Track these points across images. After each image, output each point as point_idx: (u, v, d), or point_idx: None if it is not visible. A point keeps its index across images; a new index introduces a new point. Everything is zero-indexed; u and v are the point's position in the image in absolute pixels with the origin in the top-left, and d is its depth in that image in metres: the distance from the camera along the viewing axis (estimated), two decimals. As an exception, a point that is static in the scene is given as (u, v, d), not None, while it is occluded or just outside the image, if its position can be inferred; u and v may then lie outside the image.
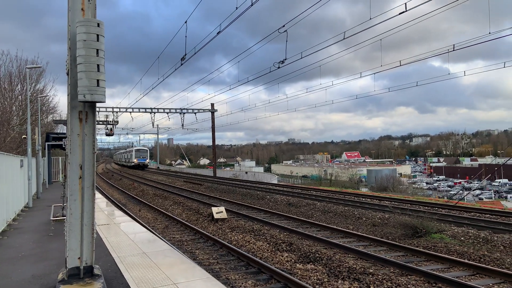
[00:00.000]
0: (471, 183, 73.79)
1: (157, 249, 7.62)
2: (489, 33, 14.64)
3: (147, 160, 69.75)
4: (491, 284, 7.71)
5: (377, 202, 18.80)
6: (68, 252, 5.04)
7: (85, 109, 5.02)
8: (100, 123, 45.68)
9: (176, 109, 46.55)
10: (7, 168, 11.21)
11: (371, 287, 7.54)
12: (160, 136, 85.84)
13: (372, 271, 8.20)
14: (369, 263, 9.02)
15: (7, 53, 31.01)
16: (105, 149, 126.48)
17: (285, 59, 18.64)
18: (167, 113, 46.32)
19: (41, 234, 9.80)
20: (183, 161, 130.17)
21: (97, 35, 4.79)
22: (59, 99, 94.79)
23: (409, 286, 7.45)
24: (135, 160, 66.85)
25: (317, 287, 7.73)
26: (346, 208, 17.05)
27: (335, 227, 13.47)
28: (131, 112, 44.93)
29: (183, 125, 48.40)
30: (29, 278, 6.03)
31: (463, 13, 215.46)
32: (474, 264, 8.70)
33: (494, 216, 14.29)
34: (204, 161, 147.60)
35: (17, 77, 31.22)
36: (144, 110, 45.15)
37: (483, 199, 53.59)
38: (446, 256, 9.40)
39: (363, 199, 20.28)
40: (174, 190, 28.64)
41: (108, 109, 44.35)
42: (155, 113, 45.51)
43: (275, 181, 41.59)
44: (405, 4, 13.51)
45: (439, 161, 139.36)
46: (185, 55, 19.64)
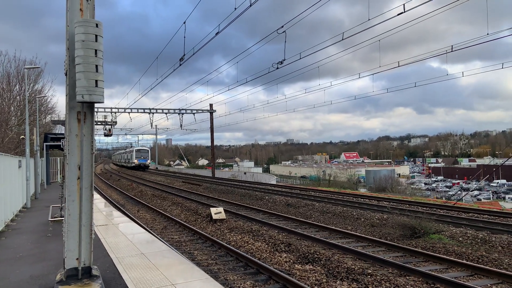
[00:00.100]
0: (469, 183, 73.93)
1: (155, 250, 7.62)
2: (487, 34, 14.68)
3: (148, 160, 67.11)
4: (489, 284, 7.73)
5: (375, 202, 18.83)
6: (66, 252, 5.03)
7: (84, 109, 5.02)
8: (98, 123, 45.63)
9: (174, 110, 46.53)
10: (5, 168, 11.19)
11: (370, 288, 7.55)
12: (158, 136, 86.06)
13: (370, 271, 8.21)
14: (367, 263, 9.03)
15: (5, 53, 31.06)
16: (104, 149, 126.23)
17: (284, 60, 18.64)
18: (166, 113, 46.29)
19: (39, 234, 9.79)
20: (182, 162, 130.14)
21: (96, 36, 4.78)
22: (58, 99, 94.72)
23: (407, 286, 7.46)
24: (136, 160, 64.45)
25: (316, 287, 7.74)
26: (344, 208, 17.07)
27: (333, 227, 13.49)
28: (129, 112, 44.89)
29: (181, 126, 48.43)
30: (27, 278, 6.01)
31: (461, 14, 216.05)
32: (472, 264, 8.73)
33: (492, 216, 14.32)
34: (202, 162, 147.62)
35: (16, 78, 31.24)
36: (142, 110, 45.11)
37: (481, 200, 53.70)
38: (444, 256, 9.42)
39: (362, 199, 20.30)
40: (172, 190, 28.61)
41: (106, 110, 44.31)
42: (153, 113, 45.49)
43: (274, 182, 41.60)
44: (404, 5, 13.54)
45: (437, 162, 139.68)
46: (184, 55, 19.62)
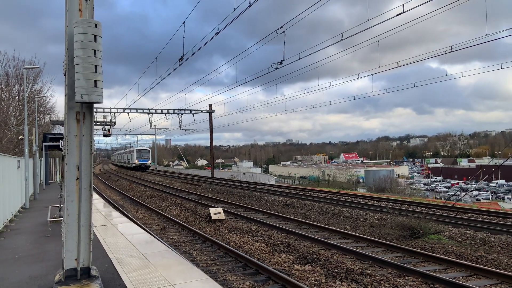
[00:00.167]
0: (469, 184, 74.01)
1: (154, 250, 7.61)
2: (486, 35, 14.70)
3: (149, 161, 65.64)
4: (488, 285, 7.73)
5: (374, 203, 18.83)
6: (65, 253, 5.03)
7: (83, 109, 5.01)
8: (97, 123, 45.58)
9: (174, 110, 46.51)
10: (4, 169, 11.18)
11: (369, 288, 7.55)
12: (158, 136, 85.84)
13: (369, 272, 8.21)
14: (367, 264, 9.04)
15: (4, 53, 31.12)
16: (103, 150, 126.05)
17: (283, 60, 18.65)
18: (165, 113, 46.29)
19: (38, 235, 9.77)
20: (181, 162, 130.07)
21: (95, 36, 4.78)
22: (57, 99, 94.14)
23: (406, 287, 7.46)
24: (136, 161, 63.04)
25: (315, 288, 7.73)
26: (344, 209, 17.07)
27: (333, 228, 13.48)
28: (128, 112, 44.89)
29: (181, 126, 48.41)
30: (26, 279, 6.01)
31: (460, 15, 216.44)
32: (471, 265, 8.73)
33: (491, 217, 14.33)
34: (202, 162, 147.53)
35: (14, 78, 31.23)
36: (141, 110, 45.09)
37: (480, 200, 53.76)
38: (443, 257, 9.42)
39: (361, 200, 20.30)
40: (171, 191, 28.59)
41: (105, 110, 44.28)
42: (152, 113, 45.46)
43: (273, 182, 41.60)
44: (403, 5, 13.56)
45: (436, 162, 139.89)
46: (183, 56, 19.61)
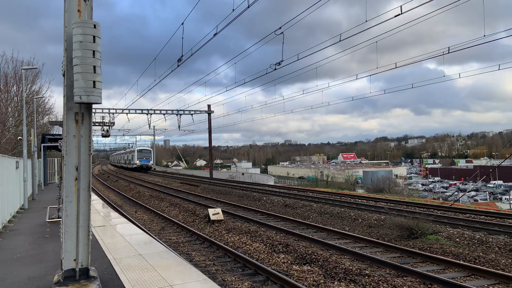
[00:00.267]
0: (466, 184, 74.16)
1: (153, 251, 7.61)
2: (484, 36, 14.75)
3: (151, 161, 62.96)
4: (486, 285, 7.76)
5: (373, 203, 18.85)
6: (63, 254, 5.03)
7: (81, 110, 5.02)
8: (96, 124, 45.48)
9: (172, 111, 46.47)
10: (2, 169, 11.16)
11: (367, 288, 7.56)
12: (156, 137, 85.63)
13: (368, 272, 8.23)
14: (365, 264, 9.05)
15: (3, 54, 31.01)
16: (101, 150, 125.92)
17: (282, 61, 18.67)
18: (164, 114, 46.24)
19: (36, 235, 9.76)
20: (180, 163, 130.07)
21: (94, 37, 4.79)
22: (55, 100, 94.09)
23: (404, 287, 7.48)
24: (138, 161, 60.38)
25: (313, 288, 7.74)
26: (342, 209, 17.09)
27: (331, 228, 13.50)
28: (127, 113, 44.83)
29: (179, 127, 48.35)
30: (25, 280, 6.00)
31: (458, 16, 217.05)
32: (469, 265, 8.76)
33: (489, 217, 14.37)
34: (200, 163, 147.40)
35: (13, 78, 31.16)
36: (140, 111, 45.03)
37: (478, 201, 53.88)
38: (441, 257, 9.45)
39: (359, 200, 20.33)
40: (170, 191, 28.57)
41: (104, 110, 44.23)
42: (151, 114, 45.42)
43: (272, 183, 41.64)
44: (401, 6, 13.60)
45: (434, 163, 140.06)
46: (182, 56, 19.63)
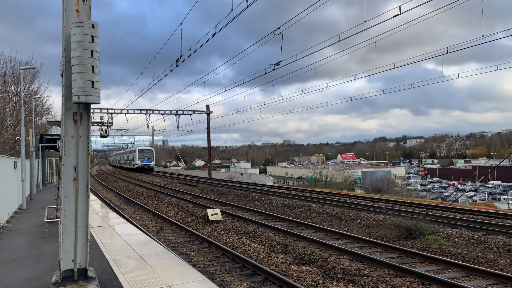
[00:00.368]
0: (465, 184, 74.29)
1: (151, 251, 7.60)
2: (482, 36, 14.78)
3: (153, 161, 60.65)
4: (484, 285, 7.77)
5: (371, 203, 18.87)
6: (62, 254, 5.01)
7: (80, 110, 5.00)
8: (94, 124, 45.44)
9: (171, 111, 46.43)
10: (0, 169, 11.14)
11: (366, 289, 7.56)
12: (155, 137, 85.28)
13: (367, 272, 8.23)
14: (364, 264, 9.06)
15: (1, 54, 30.77)
16: (100, 150, 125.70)
17: (281, 61, 18.67)
18: (162, 114, 46.20)
19: (34, 236, 9.74)
20: (178, 163, 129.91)
21: (92, 37, 4.77)
22: (53, 100, 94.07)
23: (403, 287, 7.48)
24: (139, 161, 58.15)
25: (312, 288, 7.74)
26: (341, 209, 17.10)
27: (330, 228, 13.50)
28: (126, 113, 44.74)
29: (178, 127, 48.29)
30: (23, 280, 5.98)
31: (456, 16, 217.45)
32: (468, 265, 8.76)
33: (487, 217, 14.39)
34: (199, 163, 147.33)
35: (11, 78, 31.05)
36: (139, 111, 44.97)
37: (476, 201, 53.94)
38: (440, 257, 9.46)
39: (358, 200, 20.34)
40: (169, 191, 28.55)
41: (102, 111, 44.17)
42: (150, 114, 45.36)
43: (270, 183, 41.62)
44: (400, 7, 13.61)
45: (433, 163, 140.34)
46: (181, 56, 19.62)
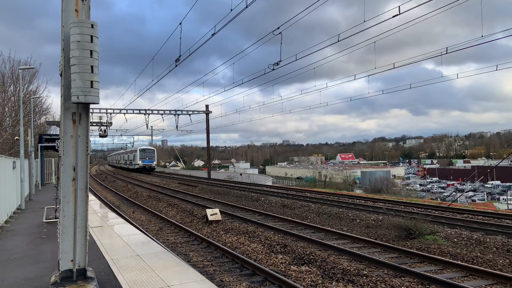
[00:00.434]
0: (464, 185, 74.36)
1: (150, 251, 7.59)
2: (482, 36, 14.79)
3: (155, 162, 58.89)
4: (483, 285, 7.77)
5: (371, 203, 18.88)
6: (61, 254, 5.00)
7: (79, 110, 4.99)
8: (93, 124, 45.38)
9: (170, 111, 46.39)
10: (-1, 169, 11.11)
11: (365, 289, 7.56)
12: (154, 137, 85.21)
13: (366, 272, 8.23)
14: (363, 264, 9.06)
15: (0, 53, 30.77)
16: (99, 150, 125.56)
17: (280, 61, 18.68)
18: (162, 114, 46.15)
19: (33, 236, 9.72)
20: (178, 163, 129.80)
21: (91, 36, 4.77)
22: (52, 100, 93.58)
23: (402, 287, 7.48)
24: (140, 162, 56.38)
25: (311, 289, 7.73)
26: (340, 210, 17.10)
27: (329, 228, 13.51)
28: (125, 113, 44.70)
29: (177, 127, 48.23)
30: (22, 280, 5.97)
31: (456, 17, 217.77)
32: (467, 265, 8.77)
33: (486, 217, 14.40)
34: (198, 163, 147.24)
35: (10, 78, 31.03)
36: (138, 111, 44.92)
37: (476, 201, 54.00)
38: (439, 257, 9.46)
39: (357, 200, 20.35)
40: (168, 192, 28.53)
41: (102, 111, 44.10)
42: (149, 114, 45.31)
43: (270, 183, 41.62)
44: (399, 7, 13.63)
45: (432, 163, 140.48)
46: (180, 56, 19.61)
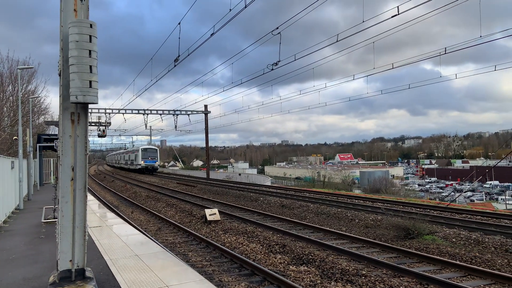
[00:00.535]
0: (463, 185, 74.45)
1: (149, 251, 7.58)
2: (480, 37, 14.82)
3: (157, 162, 56.72)
4: (482, 285, 7.78)
5: (369, 204, 18.89)
6: (59, 254, 4.99)
7: (77, 110, 4.99)
8: (92, 124, 45.38)
9: (169, 111, 46.39)
10: (-3, 169, 11.10)
11: (364, 289, 7.57)
12: (153, 137, 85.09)
13: (365, 272, 8.24)
14: (362, 264, 9.06)
15: (-2, 53, 30.72)
16: (98, 150, 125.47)
17: (279, 61, 18.69)
18: (160, 114, 46.15)
19: (32, 236, 9.70)
20: (176, 163, 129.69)
21: (90, 36, 4.76)
22: (51, 100, 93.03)
23: (401, 287, 7.49)
24: (142, 162, 54.32)
25: (310, 289, 7.74)
26: (339, 210, 17.11)
27: (328, 228, 13.51)
28: (124, 113, 44.70)
29: (176, 127, 48.26)
30: (20, 281, 5.96)
31: (454, 17, 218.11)
32: (465, 265, 8.78)
33: (485, 217, 14.43)
34: (197, 163, 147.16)
35: (8, 78, 30.96)
36: (137, 111, 44.93)
37: (474, 201, 54.09)
38: (438, 257, 9.47)
39: (356, 201, 20.36)
40: (167, 192, 28.52)
41: (100, 110, 44.14)
42: (148, 114, 45.33)
43: (268, 183, 41.65)
44: (398, 7, 13.65)
45: (431, 163, 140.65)
46: (179, 56, 19.60)
